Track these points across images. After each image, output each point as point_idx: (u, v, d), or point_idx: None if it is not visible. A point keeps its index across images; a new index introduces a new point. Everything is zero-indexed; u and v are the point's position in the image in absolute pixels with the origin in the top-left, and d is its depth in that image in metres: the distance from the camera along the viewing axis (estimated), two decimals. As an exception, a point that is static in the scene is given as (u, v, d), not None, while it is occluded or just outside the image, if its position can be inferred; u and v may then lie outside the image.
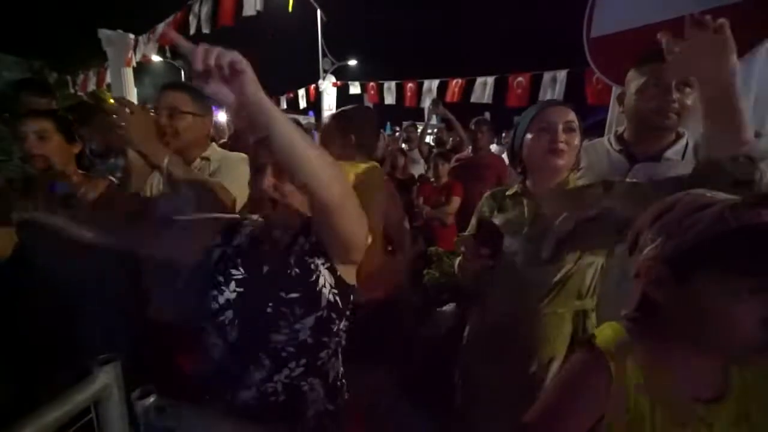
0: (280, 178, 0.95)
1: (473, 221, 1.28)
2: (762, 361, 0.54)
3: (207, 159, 1.44)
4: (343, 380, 1.07)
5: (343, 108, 1.67)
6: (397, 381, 1.80)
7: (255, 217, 1.11)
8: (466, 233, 1.27)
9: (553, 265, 1.04)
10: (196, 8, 3.94)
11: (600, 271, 1.08)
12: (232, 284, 0.96)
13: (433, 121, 5.38)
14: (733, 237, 0.52)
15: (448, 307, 2.42)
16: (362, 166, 1.55)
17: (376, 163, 1.63)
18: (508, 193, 1.20)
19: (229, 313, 0.94)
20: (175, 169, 1.17)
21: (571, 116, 1.05)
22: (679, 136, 1.24)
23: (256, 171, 0.97)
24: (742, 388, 0.63)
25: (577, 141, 1.06)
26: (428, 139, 6.22)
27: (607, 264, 1.09)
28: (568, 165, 1.07)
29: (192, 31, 4.07)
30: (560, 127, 1.03)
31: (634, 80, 1.25)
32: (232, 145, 2.33)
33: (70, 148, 1.50)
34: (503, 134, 4.49)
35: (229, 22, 3.69)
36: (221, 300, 0.94)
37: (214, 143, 1.51)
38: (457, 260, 1.26)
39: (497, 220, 1.16)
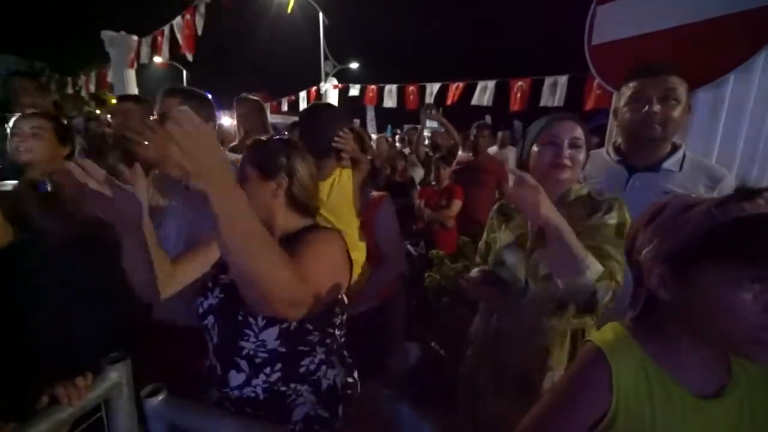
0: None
1: (485, 237, 1.29)
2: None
3: None
4: (349, 391, 1.05)
5: (312, 106, 1.63)
6: (393, 388, 1.79)
7: None
8: (478, 257, 1.31)
9: (553, 280, 1.01)
10: (202, 9, 3.97)
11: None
12: (217, 290, 0.98)
13: (434, 124, 5.41)
14: (724, 230, 0.56)
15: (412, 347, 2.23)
16: (337, 172, 1.50)
17: (345, 167, 1.54)
18: (513, 204, 1.20)
19: (211, 318, 0.96)
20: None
21: (578, 132, 1.06)
22: (675, 148, 1.27)
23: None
24: (747, 384, 0.64)
25: (581, 156, 1.07)
26: (426, 142, 6.23)
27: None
28: (572, 179, 1.08)
29: (200, 32, 4.11)
30: (566, 143, 1.04)
31: (623, 94, 1.31)
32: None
33: (61, 149, 1.55)
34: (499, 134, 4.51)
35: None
36: (205, 305, 0.97)
37: (221, 147, 1.53)
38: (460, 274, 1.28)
39: (505, 234, 1.17)
